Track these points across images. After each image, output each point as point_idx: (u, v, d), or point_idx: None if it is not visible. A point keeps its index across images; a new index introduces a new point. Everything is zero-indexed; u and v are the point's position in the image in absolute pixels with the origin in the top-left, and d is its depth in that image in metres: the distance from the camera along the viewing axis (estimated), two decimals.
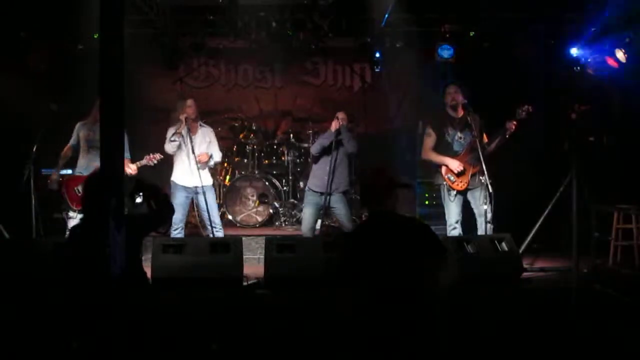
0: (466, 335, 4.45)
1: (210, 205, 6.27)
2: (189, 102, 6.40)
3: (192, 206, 6.60)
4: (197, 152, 6.23)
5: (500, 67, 7.95)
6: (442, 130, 6.10)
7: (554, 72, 7.95)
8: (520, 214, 6.67)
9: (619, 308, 5.07)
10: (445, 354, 3.20)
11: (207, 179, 6.36)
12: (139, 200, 3.63)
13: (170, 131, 6.31)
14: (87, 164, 6.09)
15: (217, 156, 6.61)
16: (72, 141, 6.22)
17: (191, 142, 6.20)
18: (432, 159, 6.14)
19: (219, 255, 5.45)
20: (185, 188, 6.27)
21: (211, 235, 6.24)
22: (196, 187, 6.25)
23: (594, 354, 4.23)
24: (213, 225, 6.26)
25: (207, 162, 6.38)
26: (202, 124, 6.52)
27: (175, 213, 6.16)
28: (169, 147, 6.29)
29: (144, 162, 6.16)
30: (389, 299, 3.09)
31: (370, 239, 3.24)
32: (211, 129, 6.65)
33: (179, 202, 6.22)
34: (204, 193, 6.25)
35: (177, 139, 6.20)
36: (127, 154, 6.00)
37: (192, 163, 6.19)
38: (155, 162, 6.20)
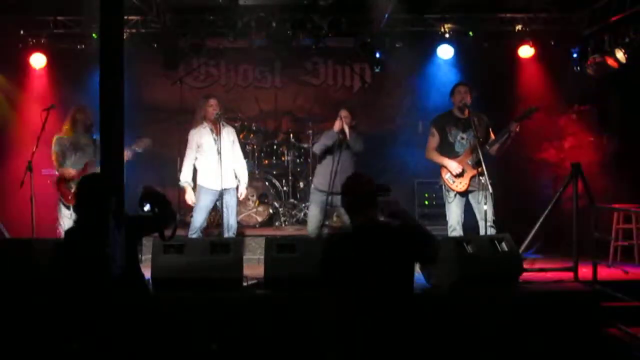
0: (466, 335, 4.46)
1: (230, 207, 6.19)
2: (211, 101, 6.24)
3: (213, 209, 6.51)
4: (223, 153, 6.12)
5: (500, 67, 7.96)
6: (445, 131, 6.07)
7: (554, 72, 7.95)
8: (520, 214, 6.67)
9: (619, 308, 5.07)
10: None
11: (232, 182, 6.25)
12: (147, 208, 3.63)
13: (192, 134, 6.22)
14: (77, 160, 6.11)
15: (242, 163, 6.46)
16: (57, 149, 6.13)
17: (220, 142, 6.11)
18: (434, 159, 6.13)
19: (219, 256, 5.44)
20: (211, 191, 6.17)
21: (225, 236, 6.13)
22: (223, 189, 6.13)
23: (594, 354, 4.24)
24: (228, 227, 6.18)
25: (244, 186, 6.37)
26: (224, 123, 6.33)
27: (197, 216, 6.19)
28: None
29: (134, 147, 6.09)
30: (371, 306, 3.04)
31: (352, 250, 3.15)
32: (233, 129, 6.52)
33: (203, 205, 6.16)
34: (227, 195, 6.15)
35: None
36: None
37: (219, 164, 6.07)
38: (144, 147, 6.17)
